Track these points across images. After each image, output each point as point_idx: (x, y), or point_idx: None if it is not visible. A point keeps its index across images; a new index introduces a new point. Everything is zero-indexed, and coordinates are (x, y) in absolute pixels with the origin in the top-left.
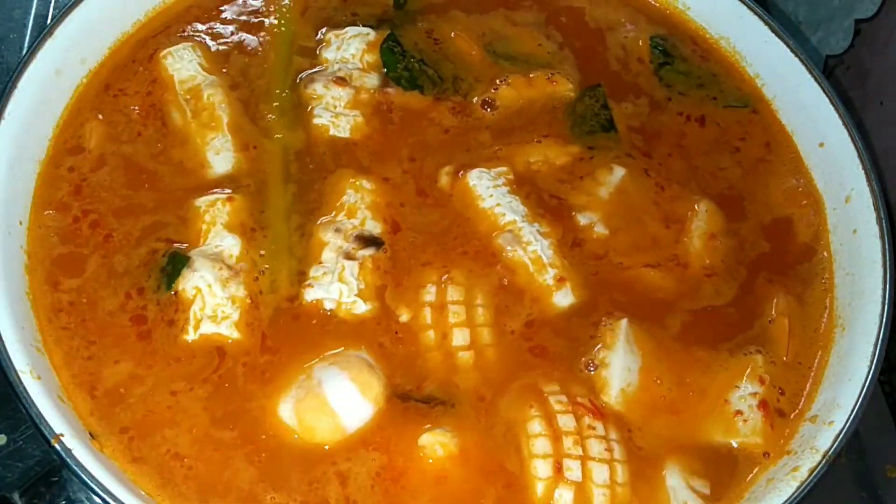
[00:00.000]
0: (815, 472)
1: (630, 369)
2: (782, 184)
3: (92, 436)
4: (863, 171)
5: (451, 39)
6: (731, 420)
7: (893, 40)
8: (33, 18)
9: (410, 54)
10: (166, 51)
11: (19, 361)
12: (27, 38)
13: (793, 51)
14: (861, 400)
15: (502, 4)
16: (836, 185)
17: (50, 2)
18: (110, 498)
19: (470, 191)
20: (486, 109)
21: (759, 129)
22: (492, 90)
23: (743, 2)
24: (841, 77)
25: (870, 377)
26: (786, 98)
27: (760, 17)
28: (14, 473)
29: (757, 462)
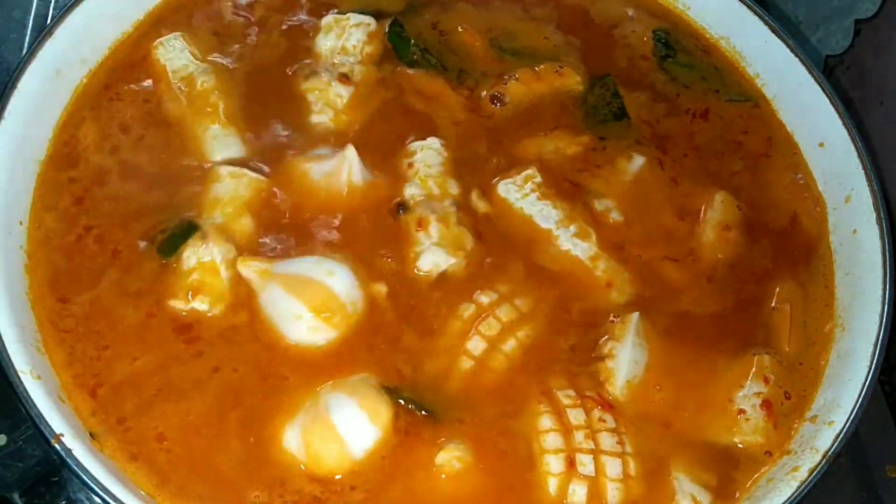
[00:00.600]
0: (815, 472)
1: (637, 362)
2: (784, 178)
3: (92, 436)
4: (863, 171)
5: (456, 32)
6: (734, 419)
7: (893, 40)
8: (33, 18)
9: (414, 42)
10: (157, 41)
11: (19, 361)
12: (27, 37)
13: (793, 51)
14: (861, 400)
15: None
16: (835, 185)
17: (50, 2)
18: (110, 497)
19: (504, 202)
20: (495, 104)
21: (761, 123)
22: (501, 85)
23: (743, 2)
24: (841, 77)
25: (870, 377)
26: (786, 98)
27: (760, 17)
28: (14, 473)
29: (759, 461)
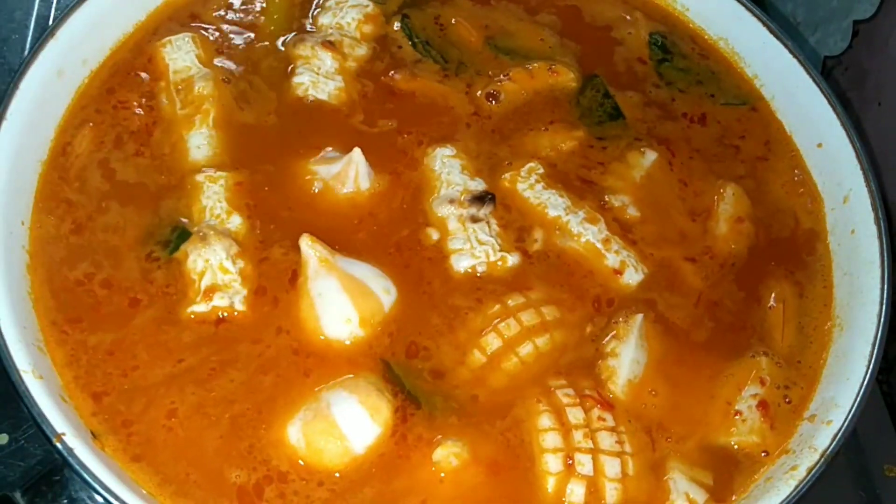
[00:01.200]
0: (814, 472)
1: (639, 362)
2: (782, 179)
3: (93, 435)
4: (861, 172)
5: (454, 26)
6: (731, 420)
7: (891, 41)
8: (35, 19)
9: (415, 35)
10: (166, 39)
11: (21, 361)
12: (29, 38)
13: (791, 52)
14: (859, 399)
15: None
16: (834, 185)
17: (51, 3)
18: (112, 496)
19: (513, 193)
20: (490, 102)
21: (759, 126)
22: (495, 83)
23: (741, 3)
24: (839, 78)
25: (868, 377)
26: (784, 99)
27: (759, 18)
28: (16, 472)
29: (757, 461)
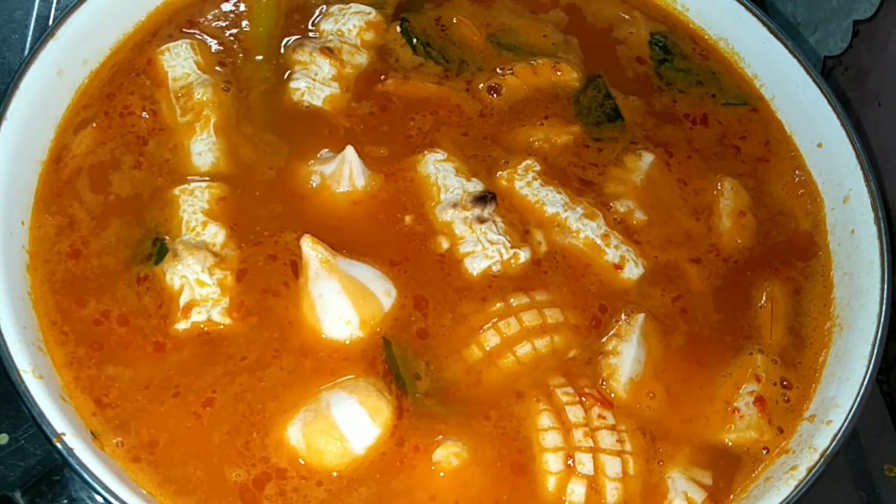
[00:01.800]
0: (814, 472)
1: (640, 361)
2: (782, 179)
3: (93, 435)
4: (861, 172)
5: (456, 26)
6: (729, 417)
7: (891, 41)
8: (35, 19)
9: (416, 37)
10: (164, 46)
11: (21, 361)
12: (29, 38)
13: (791, 52)
14: (859, 399)
15: None
16: (834, 185)
17: (51, 3)
18: (112, 497)
19: (509, 191)
20: (492, 94)
21: (759, 127)
22: (498, 77)
23: (741, 3)
24: (839, 78)
25: (868, 377)
26: (784, 99)
27: (759, 18)
28: (16, 472)
29: (757, 459)
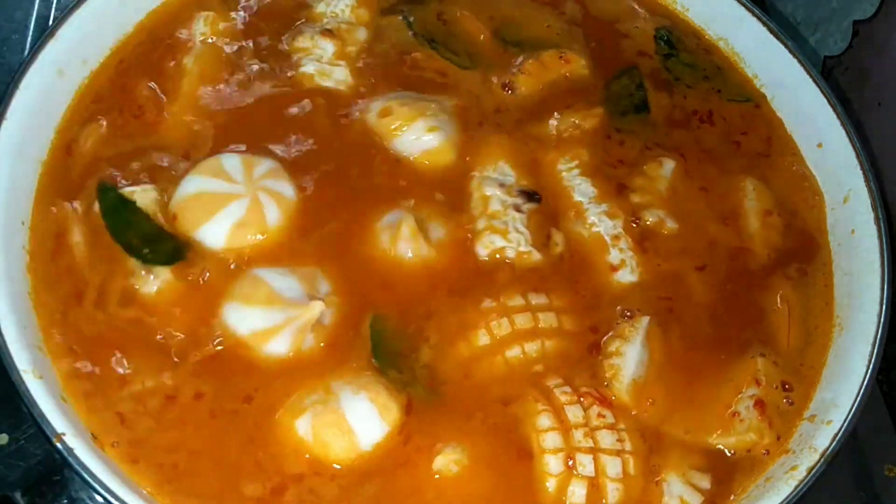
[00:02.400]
0: (814, 472)
1: (642, 363)
2: (782, 178)
3: (93, 435)
4: (861, 172)
5: (460, 21)
6: (730, 420)
7: (891, 41)
8: (35, 19)
9: (420, 34)
10: (203, 13)
11: (21, 361)
12: (29, 38)
13: (791, 52)
14: (859, 399)
15: None
16: (834, 185)
17: (52, 3)
18: (112, 497)
19: (553, 175)
20: (507, 91)
21: (761, 123)
22: (510, 75)
23: (741, 3)
24: (839, 78)
25: (868, 376)
26: (784, 99)
27: (759, 18)
28: (16, 473)
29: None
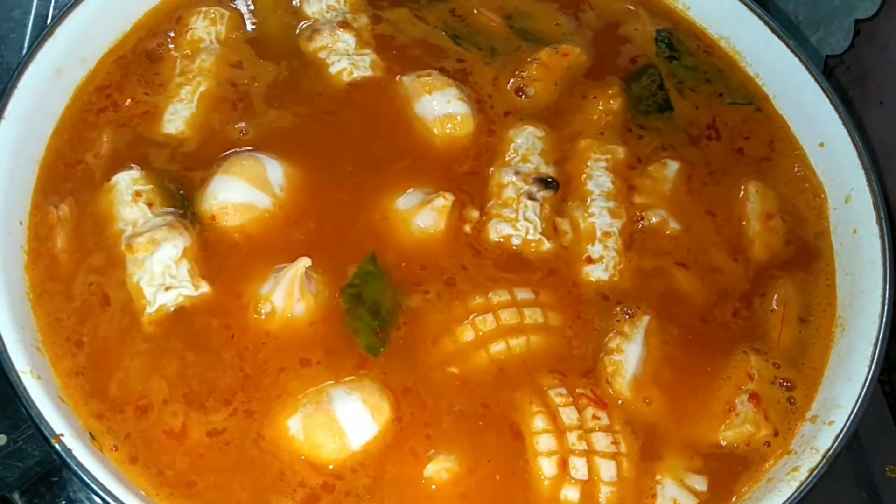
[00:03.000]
0: (815, 472)
1: (642, 361)
2: (784, 179)
3: (92, 436)
4: (863, 171)
5: (476, 16)
6: (726, 416)
7: (893, 40)
8: (33, 18)
9: (441, 30)
10: (203, 9)
11: (20, 362)
12: (27, 38)
13: (793, 51)
14: (861, 400)
15: None
16: (836, 184)
17: (50, 2)
18: (110, 498)
19: (582, 159)
20: (520, 96)
21: (763, 126)
22: (519, 80)
23: (743, 2)
24: (841, 77)
25: (870, 377)
26: (786, 98)
27: (760, 17)
28: (14, 473)
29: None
